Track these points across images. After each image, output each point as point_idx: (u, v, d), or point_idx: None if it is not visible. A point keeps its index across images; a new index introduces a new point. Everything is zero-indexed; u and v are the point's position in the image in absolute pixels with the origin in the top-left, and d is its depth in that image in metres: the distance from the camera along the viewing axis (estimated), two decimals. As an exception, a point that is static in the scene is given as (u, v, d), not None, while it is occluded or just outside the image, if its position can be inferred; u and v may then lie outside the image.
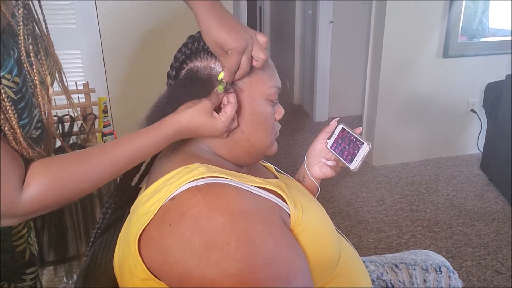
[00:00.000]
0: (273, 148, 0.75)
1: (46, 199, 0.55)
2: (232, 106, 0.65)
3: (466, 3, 2.55)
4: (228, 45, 0.61)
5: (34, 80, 0.66)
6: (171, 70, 0.70)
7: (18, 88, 0.62)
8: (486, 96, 2.64)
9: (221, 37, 0.61)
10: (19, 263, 0.83)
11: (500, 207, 2.28)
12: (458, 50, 2.64)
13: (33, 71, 0.66)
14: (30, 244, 0.86)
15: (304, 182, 0.91)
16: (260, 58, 0.65)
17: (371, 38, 2.70)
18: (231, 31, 0.61)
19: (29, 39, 0.65)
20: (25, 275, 0.84)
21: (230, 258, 0.51)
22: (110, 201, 0.79)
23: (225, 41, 0.61)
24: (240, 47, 0.61)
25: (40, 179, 0.55)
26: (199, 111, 0.62)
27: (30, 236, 0.85)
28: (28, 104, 0.65)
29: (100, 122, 1.63)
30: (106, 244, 0.78)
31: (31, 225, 0.88)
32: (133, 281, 0.59)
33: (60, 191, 0.56)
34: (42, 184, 0.55)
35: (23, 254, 0.83)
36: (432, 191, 2.48)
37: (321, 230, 0.67)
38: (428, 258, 0.96)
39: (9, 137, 0.57)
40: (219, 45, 0.62)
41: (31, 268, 0.86)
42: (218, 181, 0.59)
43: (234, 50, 0.61)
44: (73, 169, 0.57)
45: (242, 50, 0.62)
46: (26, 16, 0.64)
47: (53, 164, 0.57)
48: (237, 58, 0.62)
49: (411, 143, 2.84)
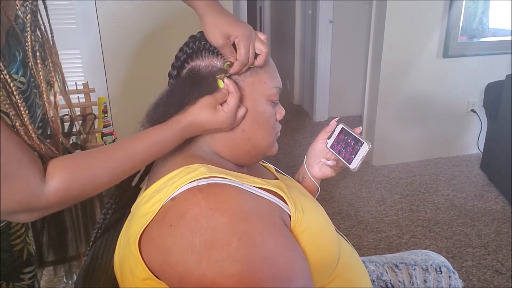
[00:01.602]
0: (274, 148, 0.75)
1: (69, 192, 0.56)
2: (233, 96, 0.65)
3: (466, 3, 2.54)
4: (235, 31, 0.63)
5: (41, 86, 0.67)
6: (173, 69, 0.70)
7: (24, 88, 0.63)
8: (486, 96, 2.64)
9: (228, 26, 0.64)
10: (17, 263, 0.83)
11: (500, 207, 2.28)
12: (458, 50, 2.64)
13: (40, 77, 0.67)
14: (28, 244, 0.86)
15: (304, 182, 0.91)
16: (262, 51, 0.67)
17: (371, 38, 2.70)
18: (234, 21, 0.65)
19: (36, 45, 0.65)
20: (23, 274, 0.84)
21: (231, 258, 0.51)
22: (111, 202, 0.79)
23: (231, 29, 0.63)
24: (246, 32, 0.64)
25: (63, 172, 0.56)
26: (202, 107, 0.64)
27: (28, 236, 0.86)
28: (32, 104, 0.66)
29: (100, 122, 1.63)
30: (106, 244, 0.79)
31: (29, 225, 0.88)
32: (133, 281, 0.59)
33: (82, 184, 0.58)
34: (66, 176, 0.56)
35: (21, 254, 0.83)
36: (432, 191, 2.48)
37: (321, 230, 0.68)
38: (428, 258, 0.96)
39: (21, 132, 0.57)
40: (225, 34, 0.64)
41: (29, 268, 0.86)
42: (218, 181, 0.59)
43: (241, 36, 0.64)
44: (94, 163, 0.59)
45: (249, 36, 0.64)
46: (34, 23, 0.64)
47: (75, 159, 0.59)
48: (246, 44, 0.64)
49: (411, 143, 2.84)
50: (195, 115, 0.64)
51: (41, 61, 0.66)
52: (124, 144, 0.62)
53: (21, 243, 0.83)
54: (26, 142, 0.58)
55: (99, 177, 0.59)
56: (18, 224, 0.81)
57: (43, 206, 0.55)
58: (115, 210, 0.81)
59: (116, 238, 0.71)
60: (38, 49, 0.66)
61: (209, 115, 0.64)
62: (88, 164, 0.59)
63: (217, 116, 0.64)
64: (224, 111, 0.64)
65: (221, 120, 0.64)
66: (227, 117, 0.64)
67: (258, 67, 0.69)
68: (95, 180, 0.59)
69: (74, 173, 0.57)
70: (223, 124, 0.65)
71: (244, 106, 0.68)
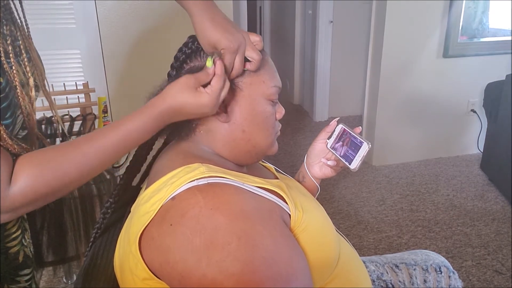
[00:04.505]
0: (274, 148, 0.75)
1: (35, 191, 0.54)
2: (219, 77, 0.61)
3: (466, 3, 2.55)
4: (221, 44, 0.62)
5: (14, 81, 0.65)
6: (172, 70, 0.70)
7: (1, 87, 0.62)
8: (486, 96, 2.64)
9: (215, 37, 0.62)
10: (12, 265, 0.82)
11: (500, 207, 2.28)
12: (458, 50, 2.64)
13: (13, 72, 0.65)
14: (25, 246, 0.85)
15: (304, 182, 0.91)
16: (254, 59, 0.66)
17: (371, 38, 2.70)
18: (224, 31, 0.62)
19: (9, 39, 0.64)
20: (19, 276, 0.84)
21: (231, 257, 0.51)
22: (110, 201, 0.79)
23: (218, 41, 0.62)
24: (233, 46, 0.62)
25: (27, 170, 0.53)
26: (182, 87, 0.60)
27: (24, 238, 0.85)
28: (11, 104, 0.64)
29: (100, 122, 1.63)
30: (106, 244, 0.78)
31: (26, 227, 0.87)
32: (133, 280, 0.59)
33: (49, 181, 0.54)
34: (30, 175, 0.53)
35: (17, 256, 0.82)
36: (432, 191, 2.48)
37: (321, 230, 0.68)
38: (428, 258, 0.96)
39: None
40: (212, 45, 0.63)
41: (26, 270, 0.85)
42: (218, 181, 0.59)
43: (227, 49, 0.62)
44: (60, 158, 0.56)
45: (235, 50, 0.63)
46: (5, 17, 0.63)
47: (40, 155, 0.55)
48: (231, 58, 0.63)
49: (411, 143, 2.84)
50: (173, 97, 0.59)
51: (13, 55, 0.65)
52: (94, 137, 0.58)
53: (17, 245, 0.82)
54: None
55: (68, 174, 0.56)
56: (14, 226, 0.81)
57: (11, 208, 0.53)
58: (115, 210, 0.81)
59: (116, 238, 0.71)
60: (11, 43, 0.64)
61: (189, 96, 0.59)
62: (54, 160, 0.55)
63: (198, 98, 0.59)
64: (208, 93, 0.60)
65: (203, 102, 0.60)
66: (210, 99, 0.60)
67: None
68: (64, 177, 0.55)
69: (39, 171, 0.54)
70: (204, 107, 0.60)
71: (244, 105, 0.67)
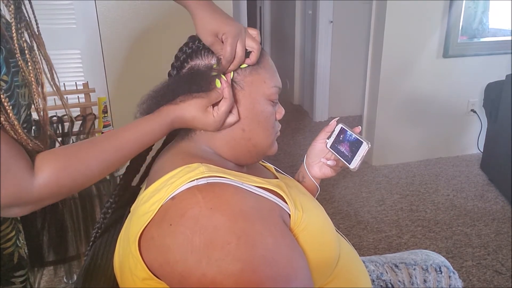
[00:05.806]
0: (274, 147, 0.75)
1: (60, 183, 0.56)
2: (226, 101, 0.66)
3: (466, 3, 2.55)
4: (222, 29, 0.65)
5: (29, 77, 0.66)
6: (172, 69, 0.70)
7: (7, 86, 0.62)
8: (486, 96, 2.64)
9: (215, 24, 0.65)
10: (7, 266, 0.82)
11: (500, 207, 2.28)
12: (458, 50, 2.64)
13: (28, 69, 0.66)
14: (19, 247, 0.85)
15: (304, 182, 0.91)
16: (254, 48, 0.67)
17: (371, 38, 2.70)
18: (224, 19, 0.66)
19: (23, 36, 0.65)
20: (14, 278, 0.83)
21: (231, 257, 0.51)
22: (110, 201, 0.79)
23: (219, 27, 0.65)
24: (234, 30, 0.65)
25: (51, 163, 0.56)
26: (194, 105, 0.65)
27: (18, 239, 0.85)
28: (16, 103, 0.65)
29: (100, 122, 1.63)
30: (106, 244, 0.78)
31: (20, 228, 0.87)
32: (133, 280, 0.59)
33: (72, 175, 0.57)
34: (54, 168, 0.56)
35: (11, 257, 0.82)
36: (432, 191, 2.48)
37: (321, 230, 0.68)
38: (428, 258, 0.96)
39: (7, 127, 0.57)
40: (214, 31, 0.65)
41: (20, 271, 0.85)
42: (218, 180, 0.59)
43: (228, 33, 0.65)
44: (81, 153, 0.59)
45: (236, 34, 0.65)
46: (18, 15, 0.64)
47: (63, 150, 0.59)
48: (233, 42, 0.65)
49: (411, 143, 2.84)
50: (185, 111, 0.65)
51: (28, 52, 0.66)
52: (112, 135, 0.62)
53: (12, 247, 0.82)
54: (12, 137, 0.58)
55: (90, 168, 0.59)
56: (8, 227, 0.81)
57: (35, 200, 0.55)
58: (115, 210, 0.81)
59: (116, 238, 0.71)
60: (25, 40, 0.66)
61: (198, 114, 0.65)
62: (78, 154, 0.59)
63: (205, 117, 0.65)
64: (213, 116, 0.65)
65: (209, 123, 0.65)
66: (215, 121, 0.65)
67: (254, 65, 0.69)
68: (86, 171, 0.59)
69: (63, 165, 0.57)
70: (210, 127, 0.66)
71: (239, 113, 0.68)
